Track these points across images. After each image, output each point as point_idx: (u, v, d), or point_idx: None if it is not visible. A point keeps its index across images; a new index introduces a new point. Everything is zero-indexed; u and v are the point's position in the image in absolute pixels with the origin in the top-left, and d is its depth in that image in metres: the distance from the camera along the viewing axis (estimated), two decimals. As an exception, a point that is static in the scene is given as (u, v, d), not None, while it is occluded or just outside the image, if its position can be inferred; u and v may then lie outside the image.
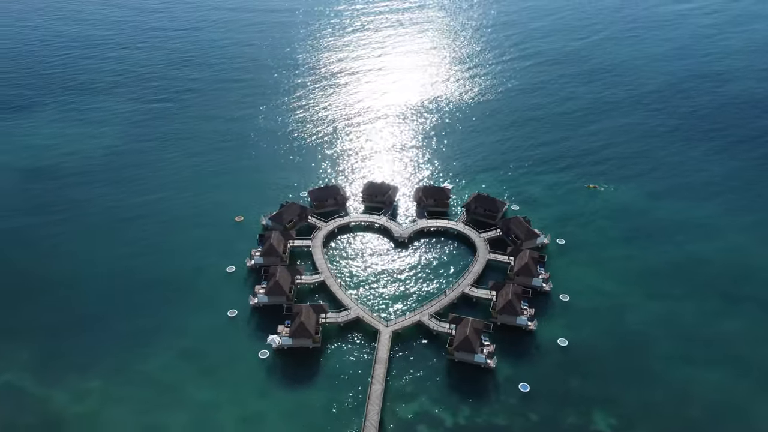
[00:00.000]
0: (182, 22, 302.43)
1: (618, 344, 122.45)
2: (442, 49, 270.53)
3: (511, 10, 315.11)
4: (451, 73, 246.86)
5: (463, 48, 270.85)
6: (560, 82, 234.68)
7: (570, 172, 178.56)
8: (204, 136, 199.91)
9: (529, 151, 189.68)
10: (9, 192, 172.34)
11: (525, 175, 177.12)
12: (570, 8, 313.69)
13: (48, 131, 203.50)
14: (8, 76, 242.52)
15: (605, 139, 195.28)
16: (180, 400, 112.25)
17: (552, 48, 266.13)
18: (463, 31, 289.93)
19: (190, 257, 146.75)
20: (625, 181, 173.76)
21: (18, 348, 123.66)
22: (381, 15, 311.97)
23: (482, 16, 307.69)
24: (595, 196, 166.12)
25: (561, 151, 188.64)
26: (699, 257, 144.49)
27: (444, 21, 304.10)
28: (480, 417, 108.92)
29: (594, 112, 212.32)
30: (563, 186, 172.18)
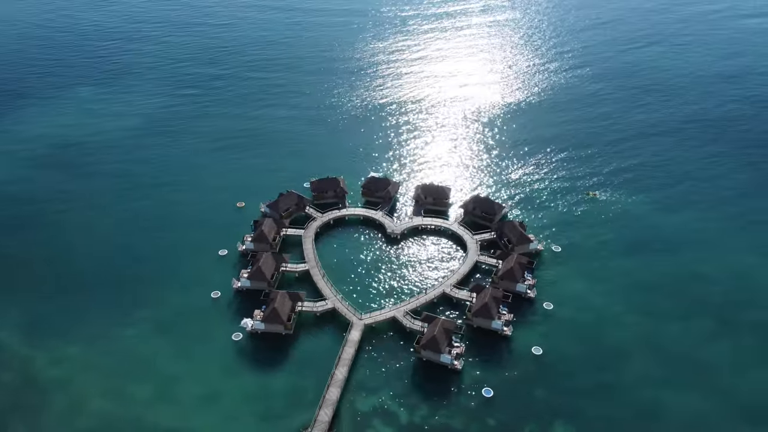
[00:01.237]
0: (219, 18, 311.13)
1: (594, 358, 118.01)
2: (481, 54, 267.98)
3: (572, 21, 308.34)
4: (489, 77, 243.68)
5: (504, 54, 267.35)
6: (600, 94, 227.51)
7: (582, 180, 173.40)
8: (225, 127, 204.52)
9: (547, 157, 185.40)
10: (32, 164, 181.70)
11: (536, 182, 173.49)
12: (627, 21, 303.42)
13: (81, 110, 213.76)
14: (56, 60, 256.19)
15: (627, 151, 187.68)
16: (148, 372, 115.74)
17: (599, 58, 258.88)
18: (507, 39, 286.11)
19: (187, 238, 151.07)
20: (636, 193, 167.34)
21: (14, 309, 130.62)
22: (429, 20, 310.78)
23: (535, 26, 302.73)
24: (606, 207, 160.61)
25: (580, 160, 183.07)
26: (700, 275, 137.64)
27: (489, 30, 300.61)
28: (436, 418, 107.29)
29: (626, 126, 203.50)
30: (570, 193, 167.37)
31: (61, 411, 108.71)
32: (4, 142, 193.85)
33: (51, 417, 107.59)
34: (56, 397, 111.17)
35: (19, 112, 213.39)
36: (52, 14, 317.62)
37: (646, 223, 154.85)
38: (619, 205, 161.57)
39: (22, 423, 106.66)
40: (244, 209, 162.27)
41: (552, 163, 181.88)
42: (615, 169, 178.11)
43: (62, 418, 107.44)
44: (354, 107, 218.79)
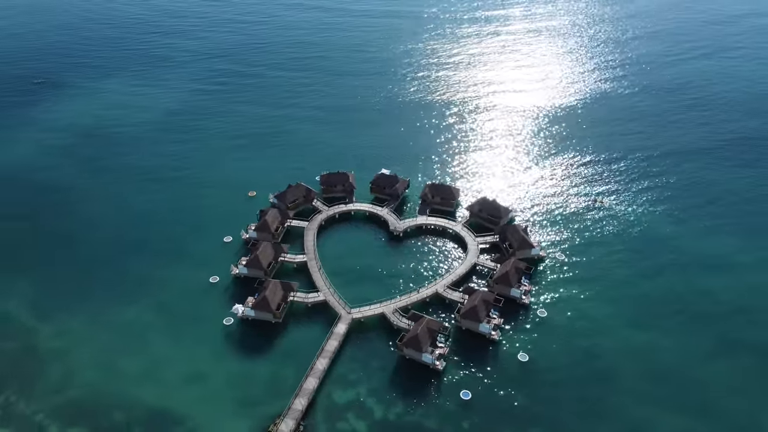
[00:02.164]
0: (258, 16, 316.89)
1: (582, 370, 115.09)
2: (518, 59, 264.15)
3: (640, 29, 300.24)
4: (525, 83, 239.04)
5: (543, 60, 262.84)
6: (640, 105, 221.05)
7: (600, 190, 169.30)
8: (249, 121, 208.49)
9: (570, 165, 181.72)
10: (60, 152, 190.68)
11: (551, 189, 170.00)
12: (679, 32, 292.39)
13: (112, 101, 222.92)
14: (95, 51, 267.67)
15: (655, 165, 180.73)
16: (140, 350, 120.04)
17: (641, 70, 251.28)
18: (549, 45, 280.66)
19: (197, 224, 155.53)
20: (654, 206, 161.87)
21: (26, 283, 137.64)
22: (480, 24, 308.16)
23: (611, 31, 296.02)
24: (619, 218, 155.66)
25: (602, 170, 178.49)
26: (708, 292, 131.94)
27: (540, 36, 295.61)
28: (411, 416, 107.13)
29: (661, 141, 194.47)
30: (584, 202, 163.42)
31: (55, 381, 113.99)
32: (37, 130, 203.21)
33: (45, 386, 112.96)
34: (52, 367, 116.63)
35: (53, 100, 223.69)
36: (96, 5, 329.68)
37: (658, 237, 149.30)
38: (632, 218, 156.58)
39: (18, 390, 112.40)
40: (255, 199, 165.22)
41: (573, 172, 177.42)
42: (637, 182, 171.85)
43: (54, 387, 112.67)
44: (380, 106, 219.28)
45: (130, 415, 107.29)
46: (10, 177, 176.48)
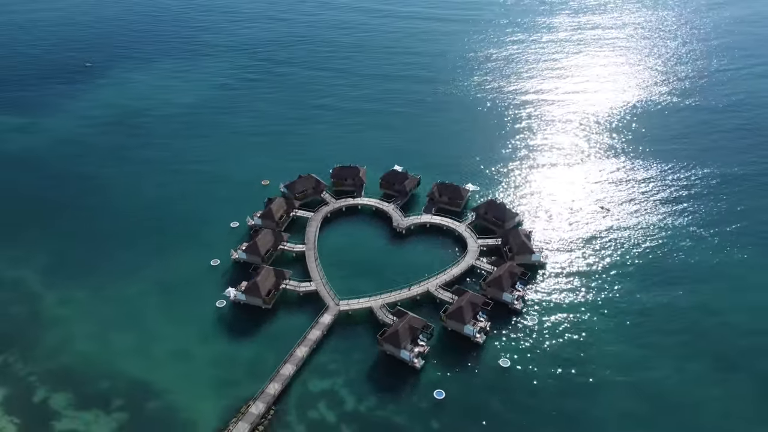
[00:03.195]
0: (303, 15, 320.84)
1: (565, 382, 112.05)
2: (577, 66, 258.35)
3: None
4: (586, 87, 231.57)
5: (613, 64, 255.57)
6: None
7: (617, 204, 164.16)
8: (277, 114, 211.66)
9: (593, 172, 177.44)
10: (94, 131, 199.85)
11: (567, 195, 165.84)
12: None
13: (150, 86, 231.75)
14: (142, 41, 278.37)
15: (683, 179, 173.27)
16: (134, 325, 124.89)
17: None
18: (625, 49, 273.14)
19: (209, 209, 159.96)
20: (673, 219, 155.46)
21: (42, 253, 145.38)
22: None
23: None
24: (634, 230, 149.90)
25: (625, 180, 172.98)
26: (714, 310, 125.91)
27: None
28: (382, 411, 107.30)
29: (721, 165, 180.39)
30: (599, 212, 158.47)
31: (51, 347, 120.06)
32: (76, 112, 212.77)
33: (41, 350, 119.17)
34: (51, 334, 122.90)
35: (93, 86, 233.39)
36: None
37: (671, 253, 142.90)
38: (648, 231, 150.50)
39: (17, 352, 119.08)
40: (268, 187, 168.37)
41: (593, 183, 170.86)
42: (659, 195, 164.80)
43: (50, 353, 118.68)
44: (408, 107, 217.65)
45: (114, 385, 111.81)
46: (43, 156, 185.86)
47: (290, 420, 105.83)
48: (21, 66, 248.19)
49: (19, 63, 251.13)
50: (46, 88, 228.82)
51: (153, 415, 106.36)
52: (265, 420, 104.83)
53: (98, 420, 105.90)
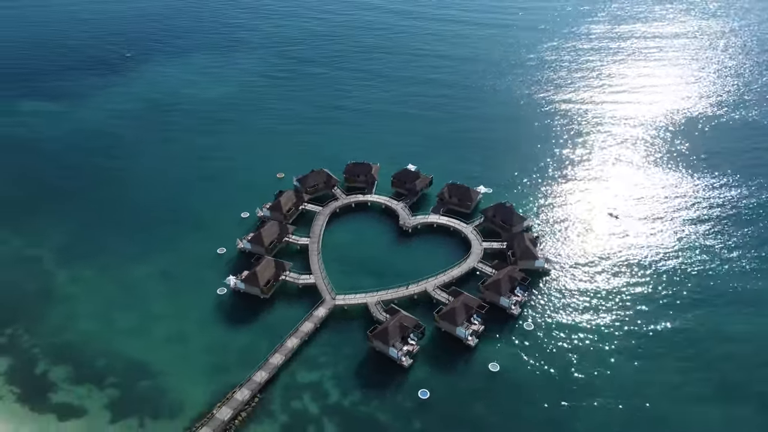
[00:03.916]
0: (342, 16, 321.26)
1: (554, 391, 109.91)
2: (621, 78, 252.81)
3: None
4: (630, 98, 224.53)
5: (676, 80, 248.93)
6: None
7: (639, 214, 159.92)
8: (302, 110, 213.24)
9: (621, 183, 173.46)
10: (124, 119, 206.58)
11: (585, 203, 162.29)
12: None
13: (182, 79, 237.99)
14: (180, 33, 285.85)
15: (714, 196, 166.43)
16: (137, 306, 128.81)
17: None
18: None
19: (222, 199, 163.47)
20: (698, 237, 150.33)
21: (59, 233, 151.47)
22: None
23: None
24: (651, 246, 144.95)
25: (651, 194, 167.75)
26: (725, 333, 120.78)
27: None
28: (365, 407, 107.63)
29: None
30: (616, 225, 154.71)
31: (57, 323, 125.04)
32: (110, 99, 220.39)
33: (47, 325, 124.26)
34: (58, 310, 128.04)
35: (130, 75, 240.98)
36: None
37: (691, 271, 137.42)
38: (668, 248, 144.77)
39: (25, 325, 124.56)
40: (283, 180, 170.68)
41: (616, 193, 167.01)
42: (687, 211, 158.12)
43: (55, 328, 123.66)
44: (432, 109, 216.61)
45: (111, 363, 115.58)
46: (71, 142, 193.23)
47: (273, 408, 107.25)
48: (62, 57, 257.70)
49: (60, 54, 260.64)
50: (84, 78, 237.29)
51: (143, 394, 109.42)
52: (249, 407, 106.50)
53: (91, 395, 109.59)
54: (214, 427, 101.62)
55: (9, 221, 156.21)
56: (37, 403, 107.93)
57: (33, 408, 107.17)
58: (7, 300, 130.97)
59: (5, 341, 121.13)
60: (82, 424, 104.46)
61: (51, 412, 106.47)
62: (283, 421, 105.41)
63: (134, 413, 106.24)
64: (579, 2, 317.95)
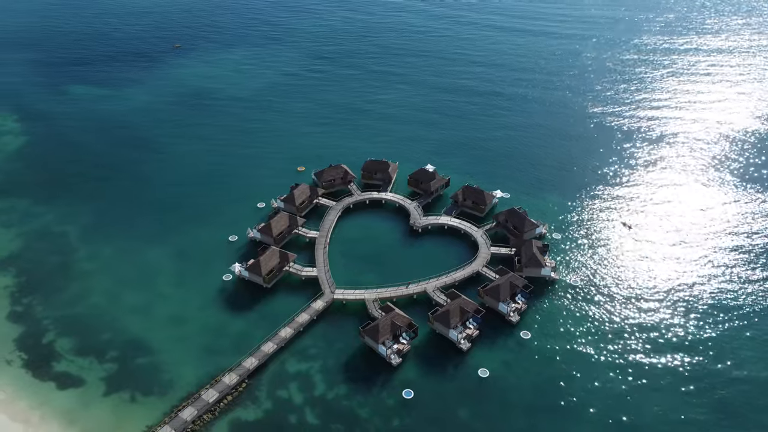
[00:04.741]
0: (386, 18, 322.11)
1: (544, 401, 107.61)
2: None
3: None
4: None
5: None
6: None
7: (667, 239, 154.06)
8: (334, 106, 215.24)
9: (657, 197, 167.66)
10: (166, 103, 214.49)
11: (608, 214, 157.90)
12: None
13: (220, 69, 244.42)
14: (227, 25, 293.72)
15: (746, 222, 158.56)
16: (146, 286, 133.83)
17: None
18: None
19: (243, 189, 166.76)
20: (729, 266, 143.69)
21: (87, 212, 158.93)
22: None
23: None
24: (674, 272, 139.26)
25: (693, 217, 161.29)
26: (735, 360, 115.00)
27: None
28: (348, 401, 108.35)
29: None
30: (643, 245, 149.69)
31: (71, 296, 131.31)
32: (154, 87, 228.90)
33: (61, 298, 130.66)
34: (73, 284, 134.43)
35: (175, 63, 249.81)
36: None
37: (705, 293, 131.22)
38: (694, 275, 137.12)
39: (41, 296, 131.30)
40: (303, 174, 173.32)
41: (650, 209, 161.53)
42: (719, 239, 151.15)
43: (68, 301, 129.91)
44: (465, 116, 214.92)
45: (113, 339, 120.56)
46: (112, 125, 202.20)
47: (259, 395, 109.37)
48: (113, 47, 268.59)
49: (112, 44, 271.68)
50: (133, 66, 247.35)
51: (138, 371, 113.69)
52: (235, 391, 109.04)
53: (91, 366, 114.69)
54: (199, 408, 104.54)
55: (46, 197, 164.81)
56: (40, 370, 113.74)
57: (35, 375, 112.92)
58: (30, 271, 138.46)
59: (22, 310, 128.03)
60: (77, 393, 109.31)
61: (51, 380, 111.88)
62: (266, 407, 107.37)
63: (127, 388, 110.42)
64: (633, 12, 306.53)
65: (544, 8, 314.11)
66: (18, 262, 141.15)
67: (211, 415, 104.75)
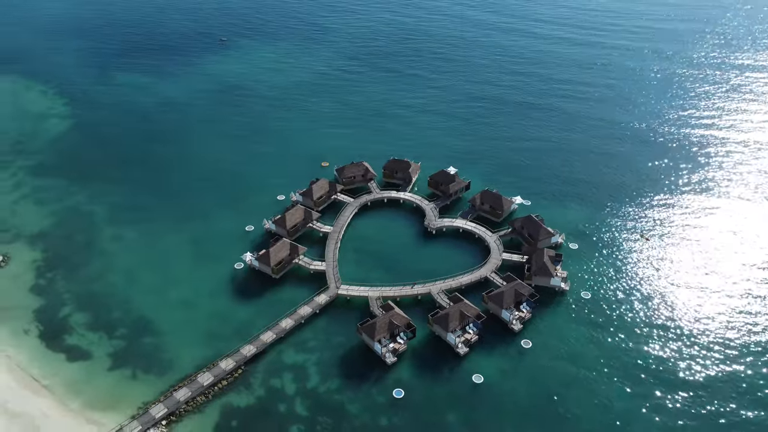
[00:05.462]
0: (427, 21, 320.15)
1: (538, 412, 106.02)
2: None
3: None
4: None
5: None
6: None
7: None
8: (365, 104, 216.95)
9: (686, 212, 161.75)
10: (203, 94, 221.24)
11: (630, 225, 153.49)
12: None
13: (257, 64, 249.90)
14: (269, 22, 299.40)
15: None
16: (161, 269, 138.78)
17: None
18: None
19: (265, 181, 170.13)
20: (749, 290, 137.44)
21: (116, 194, 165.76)
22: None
23: None
24: (677, 274, 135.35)
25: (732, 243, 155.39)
26: (752, 394, 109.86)
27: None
28: (338, 396, 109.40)
29: None
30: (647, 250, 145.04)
31: (90, 274, 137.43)
32: (192, 78, 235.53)
33: (82, 275, 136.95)
34: (95, 262, 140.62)
35: (216, 57, 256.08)
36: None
37: (731, 323, 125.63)
38: (726, 302, 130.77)
39: (64, 272, 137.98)
40: (326, 169, 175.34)
41: (679, 223, 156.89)
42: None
43: (87, 278, 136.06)
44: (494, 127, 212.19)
45: (124, 317, 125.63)
46: (148, 112, 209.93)
47: (253, 382, 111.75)
48: (161, 39, 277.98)
49: (160, 36, 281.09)
50: (177, 58, 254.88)
51: (143, 350, 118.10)
52: (231, 377, 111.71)
53: (100, 342, 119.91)
54: (193, 390, 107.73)
55: (81, 178, 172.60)
56: (53, 341, 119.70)
57: (48, 345, 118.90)
58: (57, 247, 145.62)
59: (45, 283, 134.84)
60: (84, 367, 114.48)
61: (62, 351, 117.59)
62: (259, 394, 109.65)
63: (130, 365, 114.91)
64: (686, 23, 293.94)
65: (590, 18, 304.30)
66: (48, 238, 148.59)
67: (205, 398, 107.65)
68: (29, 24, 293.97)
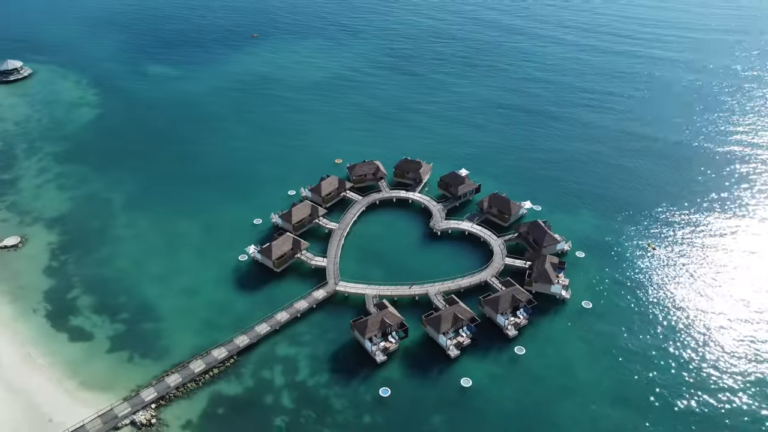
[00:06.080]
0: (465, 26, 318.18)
1: (525, 418, 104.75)
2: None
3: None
4: None
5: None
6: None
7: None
8: (387, 103, 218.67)
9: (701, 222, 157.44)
10: (231, 87, 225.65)
11: (638, 234, 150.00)
12: None
13: (286, 60, 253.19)
14: (302, 19, 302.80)
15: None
16: (170, 256, 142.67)
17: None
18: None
19: (280, 176, 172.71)
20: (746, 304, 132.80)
21: (132, 183, 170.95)
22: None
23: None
24: (682, 284, 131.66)
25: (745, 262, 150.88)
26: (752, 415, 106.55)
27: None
28: (325, 390, 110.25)
29: None
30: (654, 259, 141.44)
31: (101, 258, 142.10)
32: (222, 72, 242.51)
33: (93, 259, 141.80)
34: (106, 248, 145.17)
35: (247, 51, 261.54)
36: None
37: (736, 350, 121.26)
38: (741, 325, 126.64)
39: (76, 255, 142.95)
40: (340, 166, 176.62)
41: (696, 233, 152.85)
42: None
43: (98, 263, 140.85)
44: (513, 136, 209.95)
45: (128, 302, 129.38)
46: (175, 103, 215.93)
47: (243, 371, 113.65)
48: (194, 33, 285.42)
49: (193, 31, 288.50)
50: (210, 51, 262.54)
51: (142, 335, 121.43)
52: (223, 366, 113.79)
53: (103, 325, 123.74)
54: (184, 376, 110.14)
55: (101, 165, 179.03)
56: (59, 321, 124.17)
57: (53, 325, 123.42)
58: (72, 231, 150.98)
59: (57, 266, 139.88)
60: (84, 348, 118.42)
61: (65, 332, 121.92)
62: (248, 384, 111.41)
63: (128, 348, 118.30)
64: (721, 34, 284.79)
65: (623, 27, 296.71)
66: (65, 222, 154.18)
67: (195, 384, 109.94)
68: (72, 17, 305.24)
